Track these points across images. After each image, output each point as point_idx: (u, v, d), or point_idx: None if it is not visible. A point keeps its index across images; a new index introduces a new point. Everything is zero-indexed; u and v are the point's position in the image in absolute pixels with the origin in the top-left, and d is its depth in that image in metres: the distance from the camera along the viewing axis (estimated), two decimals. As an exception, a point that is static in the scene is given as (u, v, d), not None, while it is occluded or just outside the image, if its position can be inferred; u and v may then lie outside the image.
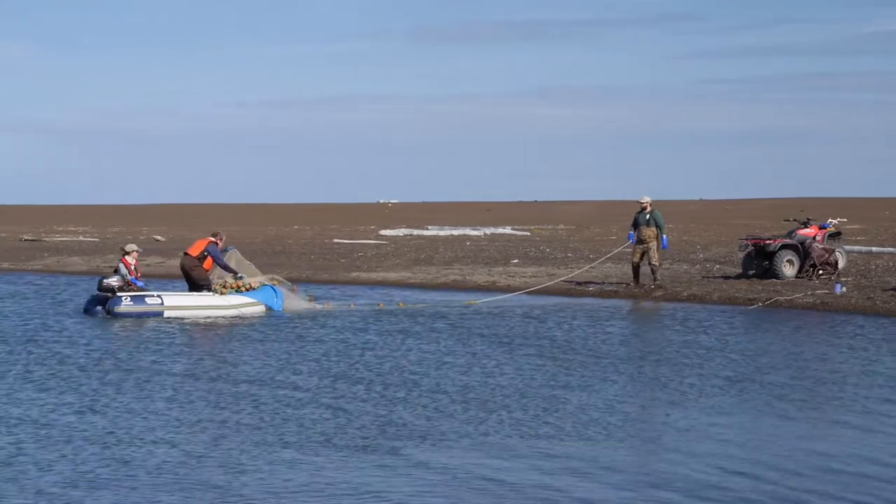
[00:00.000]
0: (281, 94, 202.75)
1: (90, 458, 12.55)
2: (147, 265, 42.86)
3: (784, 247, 30.11)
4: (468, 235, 58.21)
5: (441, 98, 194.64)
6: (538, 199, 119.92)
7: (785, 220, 33.67)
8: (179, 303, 25.69)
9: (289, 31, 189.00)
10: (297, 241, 54.69)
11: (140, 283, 26.08)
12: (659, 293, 29.12)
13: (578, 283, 31.53)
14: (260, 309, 25.97)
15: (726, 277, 31.48)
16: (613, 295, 29.65)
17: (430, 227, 66.05)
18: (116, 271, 26.00)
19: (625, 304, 28.14)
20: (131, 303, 25.30)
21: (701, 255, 39.24)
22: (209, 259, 26.28)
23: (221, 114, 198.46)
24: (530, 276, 33.37)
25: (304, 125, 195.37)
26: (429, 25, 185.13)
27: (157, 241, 57.61)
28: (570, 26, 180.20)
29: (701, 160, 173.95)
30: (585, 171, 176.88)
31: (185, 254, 26.54)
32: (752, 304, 26.75)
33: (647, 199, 29.19)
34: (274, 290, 26.52)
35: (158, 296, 25.66)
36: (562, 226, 69.41)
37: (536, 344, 20.93)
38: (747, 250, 30.71)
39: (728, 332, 22.45)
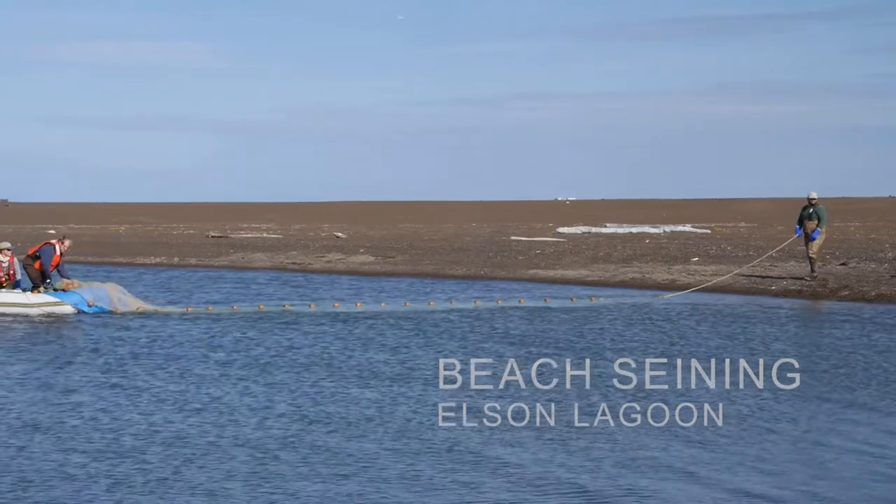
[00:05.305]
0: (461, 92, 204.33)
1: None
2: (327, 262, 43.60)
3: (978, 245, 29.10)
4: (647, 233, 57.66)
5: (619, 95, 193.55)
6: (718, 197, 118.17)
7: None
8: None
9: (469, 31, 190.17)
10: (475, 239, 54.91)
11: None
12: (845, 293, 28.37)
13: (761, 280, 30.92)
14: (67, 309, 25.89)
15: (917, 277, 30.47)
16: (797, 294, 29.00)
17: (608, 225, 65.64)
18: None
19: (809, 305, 27.45)
20: None
21: (890, 254, 38.06)
22: (39, 261, 26.19)
23: (403, 112, 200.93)
24: (711, 275, 32.83)
25: (484, 123, 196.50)
26: (608, 23, 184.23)
27: (338, 237, 58.56)
28: (748, 21, 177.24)
29: (889, 156, 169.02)
30: (765, 167, 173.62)
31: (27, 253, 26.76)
32: (943, 305, 25.84)
33: (814, 195, 30.04)
34: (84, 293, 26.12)
35: None
36: (743, 224, 68.21)
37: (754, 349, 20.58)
38: (939, 249, 29.76)
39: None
